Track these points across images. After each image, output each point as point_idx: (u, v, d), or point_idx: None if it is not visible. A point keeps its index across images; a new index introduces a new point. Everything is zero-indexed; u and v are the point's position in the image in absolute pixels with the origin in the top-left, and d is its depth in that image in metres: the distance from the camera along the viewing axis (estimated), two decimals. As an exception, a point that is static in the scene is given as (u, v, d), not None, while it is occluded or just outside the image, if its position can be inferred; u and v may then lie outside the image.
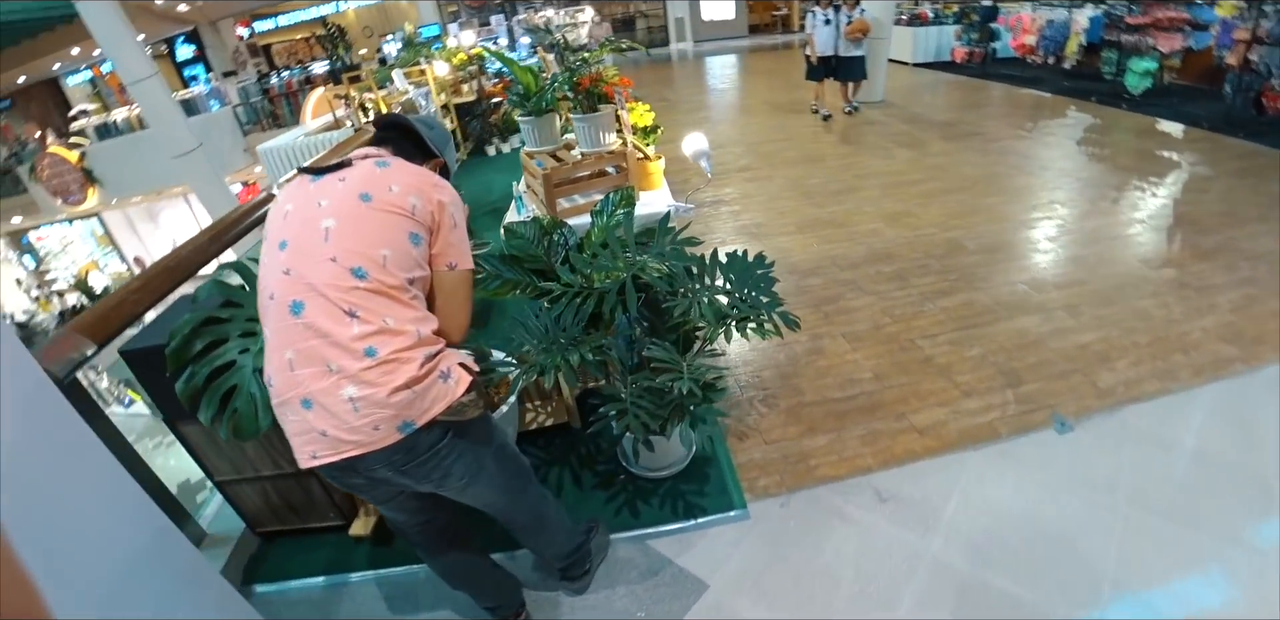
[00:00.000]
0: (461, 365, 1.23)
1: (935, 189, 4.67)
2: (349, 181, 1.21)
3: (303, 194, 1.24)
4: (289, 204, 1.24)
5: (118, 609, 1.24)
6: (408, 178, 1.24)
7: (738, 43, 16.50)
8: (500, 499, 1.46)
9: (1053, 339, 2.77)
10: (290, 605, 1.98)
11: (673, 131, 7.33)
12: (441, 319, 1.26)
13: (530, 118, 2.66)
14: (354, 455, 1.14)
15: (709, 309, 1.77)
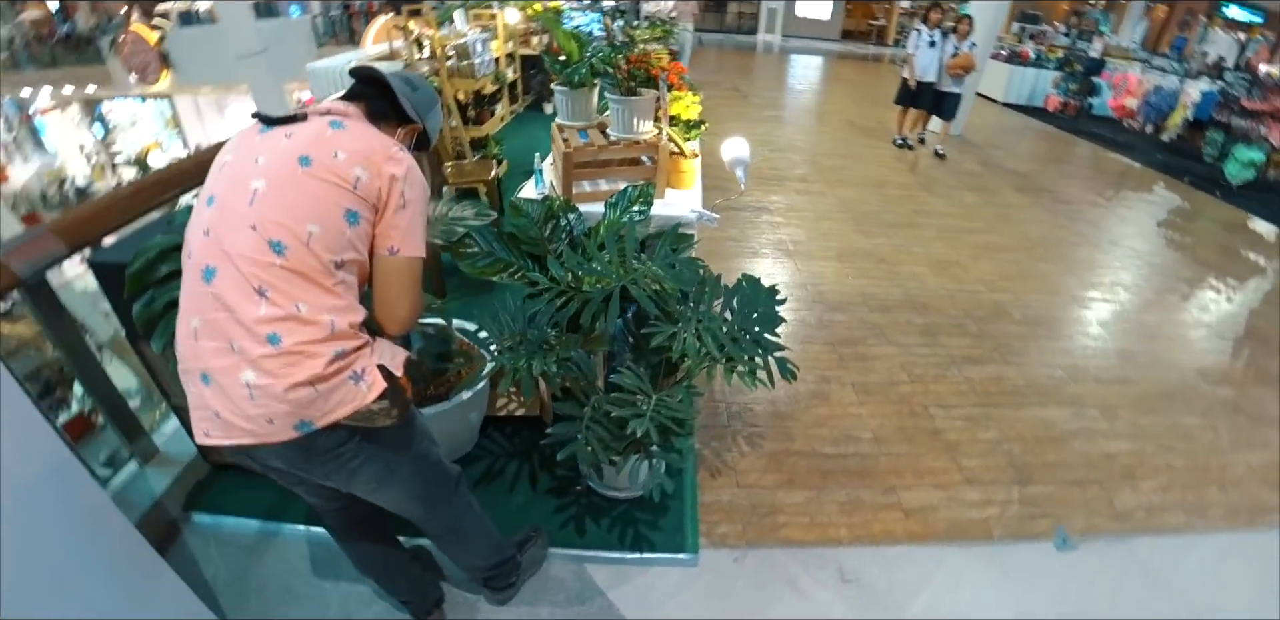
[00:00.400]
0: (381, 367, 1.07)
1: (992, 242, 4.34)
2: (293, 140, 1.05)
3: (245, 146, 1.09)
4: (229, 154, 1.10)
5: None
6: (358, 144, 1.06)
7: (826, 45, 15.85)
8: (414, 508, 1.35)
9: (1079, 439, 2.50)
10: (222, 541, 1.92)
11: (733, 124, 6.96)
12: (377, 308, 1.11)
13: (565, 88, 2.41)
14: (246, 443, 1.04)
15: (691, 344, 1.54)
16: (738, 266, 3.78)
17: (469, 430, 2.20)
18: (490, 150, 4.63)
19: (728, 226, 4.34)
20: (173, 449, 2.11)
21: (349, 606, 1.75)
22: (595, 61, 2.29)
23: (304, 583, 1.82)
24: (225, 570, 1.85)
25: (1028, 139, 8.00)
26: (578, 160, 2.28)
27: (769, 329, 1.67)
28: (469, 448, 2.25)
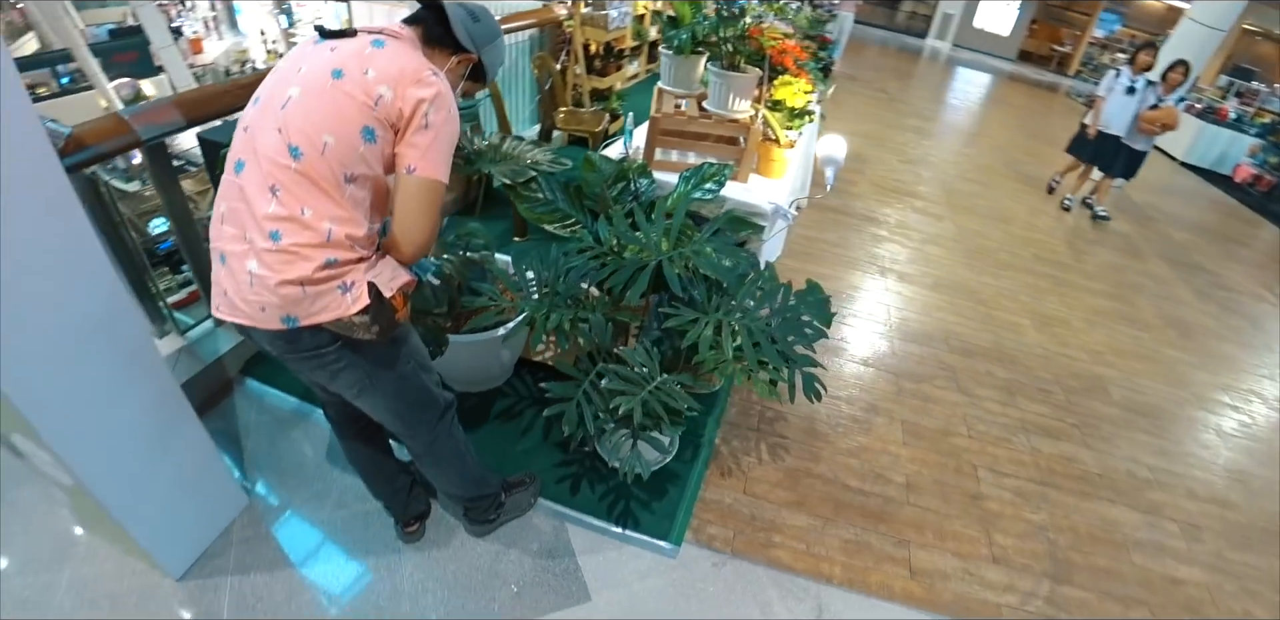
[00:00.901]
0: (371, 285, 1.09)
1: (1116, 311, 3.87)
2: (335, 53, 1.08)
3: (299, 54, 1.13)
4: (285, 60, 1.14)
5: (54, 365, 1.21)
6: (390, 65, 1.06)
7: (998, 63, 14.54)
8: (392, 422, 1.39)
9: (1143, 552, 2.19)
10: (263, 408, 2.10)
11: (866, 126, 6.55)
12: (394, 227, 1.11)
13: (670, 52, 2.28)
14: (242, 323, 1.12)
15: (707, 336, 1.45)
16: (822, 272, 3.55)
17: (499, 367, 2.19)
18: (610, 103, 4.54)
19: (827, 230, 4.09)
20: None
21: (347, 498, 1.84)
22: (697, 29, 2.16)
23: (318, 463, 1.94)
24: (256, 435, 2.00)
25: (1199, 208, 7.07)
26: (664, 127, 2.17)
27: (805, 341, 1.54)
28: (498, 383, 2.26)
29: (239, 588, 1.59)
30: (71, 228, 1.18)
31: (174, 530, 1.56)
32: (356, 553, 1.70)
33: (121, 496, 1.38)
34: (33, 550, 1.63)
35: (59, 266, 1.18)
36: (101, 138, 1.64)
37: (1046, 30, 15.82)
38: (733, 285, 1.60)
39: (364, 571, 1.66)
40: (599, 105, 4.47)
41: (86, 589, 1.56)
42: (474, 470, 1.60)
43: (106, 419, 1.32)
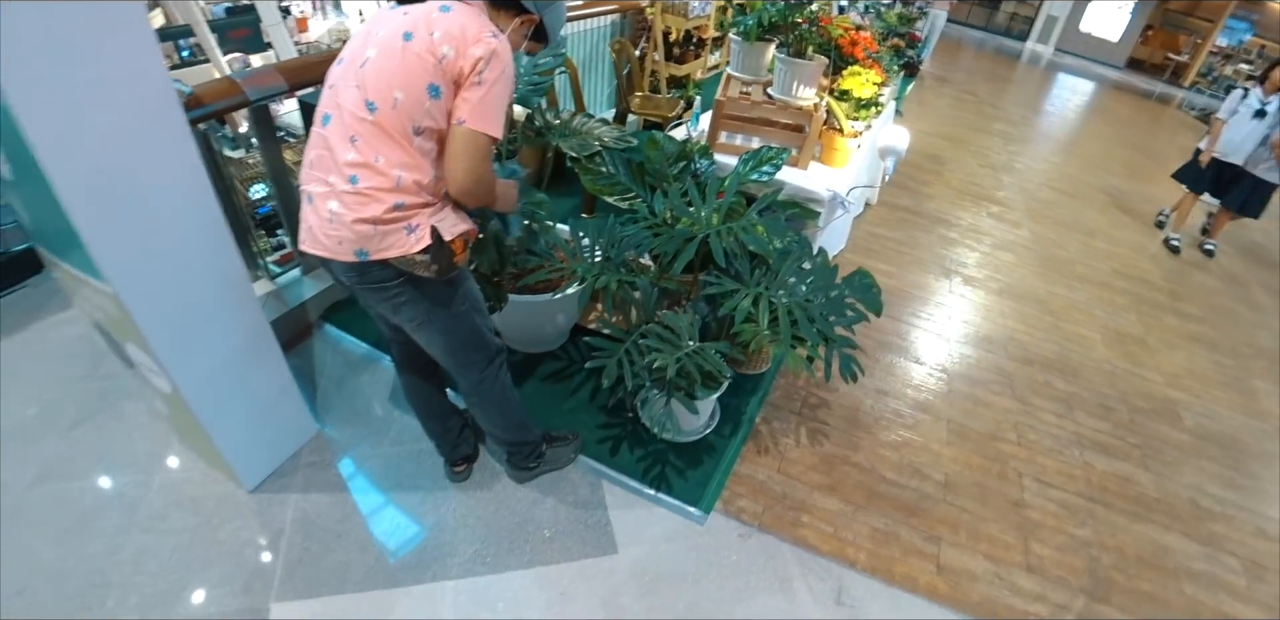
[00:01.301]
0: (434, 228, 1.22)
1: (1200, 335, 3.63)
2: (406, 17, 1.18)
3: (378, 19, 1.24)
4: (366, 25, 1.26)
5: (168, 288, 1.39)
6: (454, 27, 1.15)
7: (1104, 71, 13.63)
8: (445, 359, 1.51)
9: (1196, 584, 2.08)
10: (338, 352, 2.31)
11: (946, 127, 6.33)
12: (445, 173, 1.23)
13: (740, 39, 2.31)
14: (321, 255, 1.25)
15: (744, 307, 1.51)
16: (883, 269, 3.50)
17: (554, 329, 2.30)
18: (687, 91, 4.58)
19: (894, 228, 4.01)
20: None
21: (404, 436, 1.99)
22: (764, 15, 2.18)
23: (381, 404, 2.10)
24: (328, 375, 2.18)
25: (1315, 235, 6.47)
26: (728, 111, 2.21)
27: (845, 322, 1.59)
28: (552, 347, 2.37)
29: (301, 504, 1.76)
30: (190, 171, 1.35)
31: (251, 446, 1.74)
32: (407, 486, 1.84)
33: (210, 407, 1.55)
34: (133, 454, 1.85)
35: (181, 202, 1.35)
36: (217, 97, 1.82)
37: (1162, 37, 14.72)
38: (776, 262, 1.64)
39: (412, 502, 1.80)
40: (675, 92, 4.52)
41: (173, 491, 1.76)
42: (517, 416, 1.70)
43: (205, 338, 1.49)
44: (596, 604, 1.62)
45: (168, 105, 1.28)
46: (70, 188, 1.16)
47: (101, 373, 2.11)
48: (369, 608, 1.55)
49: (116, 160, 1.21)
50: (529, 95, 2.16)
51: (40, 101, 1.07)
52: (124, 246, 1.27)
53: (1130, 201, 5.62)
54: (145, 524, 1.67)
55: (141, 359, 1.47)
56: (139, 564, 1.58)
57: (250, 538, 1.67)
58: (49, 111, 1.09)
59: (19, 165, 1.19)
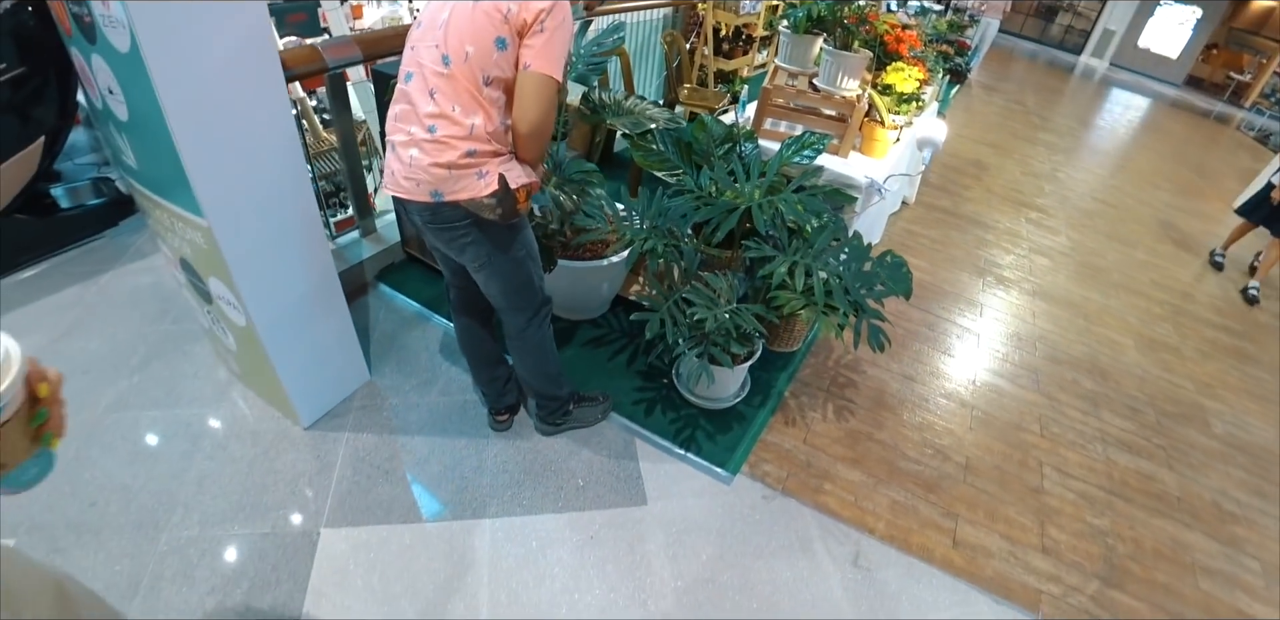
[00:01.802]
0: (502, 176, 1.33)
1: (1239, 349, 3.57)
2: None
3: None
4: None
5: (255, 230, 1.54)
6: None
7: (1162, 88, 13.30)
8: (499, 299, 1.63)
9: (1212, 580, 2.08)
10: (391, 309, 2.45)
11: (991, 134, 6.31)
12: (514, 115, 1.32)
13: (789, 31, 2.40)
14: (400, 196, 1.40)
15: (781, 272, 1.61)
16: (917, 263, 3.52)
17: (598, 298, 2.41)
18: (734, 86, 4.65)
19: (931, 227, 4.03)
20: (386, 233, 2.66)
21: (451, 387, 2.12)
22: (814, 8, 2.26)
23: (429, 358, 2.24)
24: (382, 329, 2.33)
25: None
26: (774, 98, 2.30)
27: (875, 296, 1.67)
28: (594, 315, 2.48)
29: (353, 443, 1.88)
30: (283, 123, 1.50)
31: (311, 384, 1.87)
32: (452, 432, 1.95)
33: (278, 342, 1.69)
34: (200, 391, 2.00)
35: (273, 149, 1.50)
36: (300, 62, 1.96)
37: (1225, 56, 14.29)
38: (813, 236, 1.72)
39: (455, 447, 1.91)
40: (722, 87, 4.60)
41: (235, 424, 1.90)
42: (551, 367, 1.80)
43: (280, 277, 1.63)
44: (624, 548, 1.71)
45: (270, 62, 1.42)
46: (184, 130, 1.29)
47: (171, 318, 2.27)
48: (410, 538, 1.67)
49: (224, 108, 1.35)
50: (587, 74, 2.27)
51: (166, 53, 1.21)
52: (221, 186, 1.41)
53: (1176, 217, 5.52)
54: (209, 451, 1.81)
55: (222, 292, 1.60)
56: (202, 485, 1.72)
57: (304, 469, 1.80)
58: (173, 62, 1.22)
59: (139, 109, 1.33)
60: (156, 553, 1.54)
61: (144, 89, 1.25)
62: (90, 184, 2.75)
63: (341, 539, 1.64)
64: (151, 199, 1.58)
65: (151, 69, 1.21)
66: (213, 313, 1.78)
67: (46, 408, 0.62)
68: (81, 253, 2.55)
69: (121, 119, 1.42)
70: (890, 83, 2.68)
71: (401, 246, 2.61)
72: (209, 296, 1.71)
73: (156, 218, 1.64)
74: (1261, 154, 7.60)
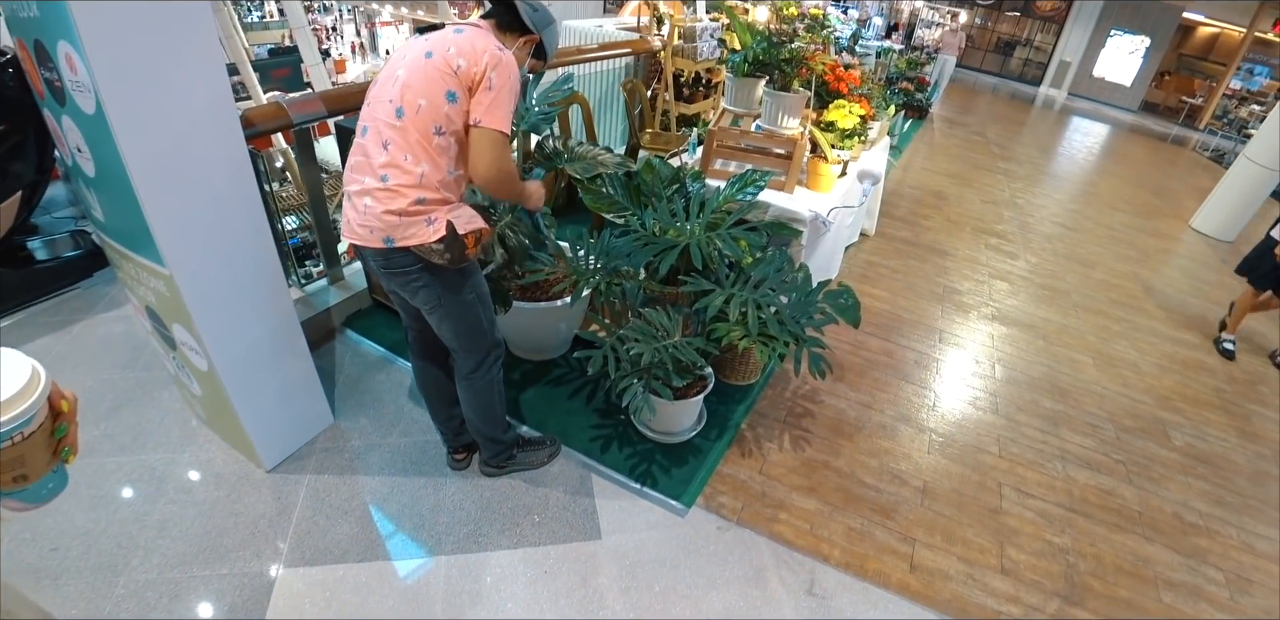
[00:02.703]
0: (450, 222, 1.42)
1: (1197, 362, 3.66)
2: (428, 41, 1.42)
3: (404, 47, 1.48)
4: (396, 52, 1.48)
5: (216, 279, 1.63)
6: (467, 44, 1.38)
7: (1119, 114, 13.85)
8: (451, 342, 1.70)
9: (1175, 593, 2.10)
10: (357, 353, 2.53)
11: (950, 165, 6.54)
12: (471, 169, 1.43)
13: (732, 75, 2.57)
14: (356, 243, 1.50)
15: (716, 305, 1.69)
16: (876, 293, 3.63)
17: (555, 337, 2.48)
18: (697, 129, 4.86)
19: (891, 257, 4.16)
20: (354, 281, 2.75)
21: (412, 428, 2.17)
22: (750, 52, 2.43)
23: (393, 400, 2.29)
24: (349, 373, 2.39)
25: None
26: (720, 140, 2.43)
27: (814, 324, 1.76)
28: (555, 354, 2.54)
29: (313, 484, 1.91)
30: (244, 178, 1.61)
31: (273, 428, 1.92)
32: (411, 472, 1.99)
33: (241, 386, 1.74)
34: (166, 436, 2.04)
35: (234, 203, 1.60)
36: (265, 119, 2.09)
37: (1177, 81, 14.96)
38: (750, 267, 1.81)
39: (415, 486, 1.94)
40: (686, 130, 4.80)
41: (200, 467, 1.93)
42: (496, 412, 1.85)
43: (241, 323, 1.70)
44: (577, 581, 1.73)
45: (230, 121, 1.53)
46: (146, 186, 1.39)
47: (141, 365, 2.33)
48: (368, 577, 1.69)
49: (185, 165, 1.45)
50: (539, 123, 2.41)
51: (129, 115, 1.32)
52: (183, 237, 1.50)
53: (1135, 237, 5.70)
54: (172, 496, 1.84)
55: (185, 338, 1.67)
56: (163, 529, 1.74)
57: (264, 511, 1.82)
58: (136, 123, 1.34)
59: (104, 166, 1.43)
60: (114, 596, 1.56)
61: (109, 148, 1.35)
62: (68, 236, 2.84)
63: (299, 578, 1.66)
64: (118, 250, 1.66)
65: (115, 130, 1.31)
66: (178, 359, 1.84)
67: (67, 423, 0.70)
68: (56, 303, 2.62)
69: (90, 175, 1.52)
70: (832, 119, 2.84)
71: (369, 293, 2.70)
72: (173, 343, 1.77)
73: (124, 268, 1.72)
74: (1217, 172, 7.88)
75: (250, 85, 5.89)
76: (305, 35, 6.42)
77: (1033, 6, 14.68)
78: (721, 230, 1.88)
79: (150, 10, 1.29)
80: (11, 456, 0.64)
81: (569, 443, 2.15)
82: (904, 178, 6.04)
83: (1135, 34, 13.85)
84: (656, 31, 4.79)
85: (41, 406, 0.66)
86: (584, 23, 5.25)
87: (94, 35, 1.22)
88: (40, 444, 0.67)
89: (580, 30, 5.05)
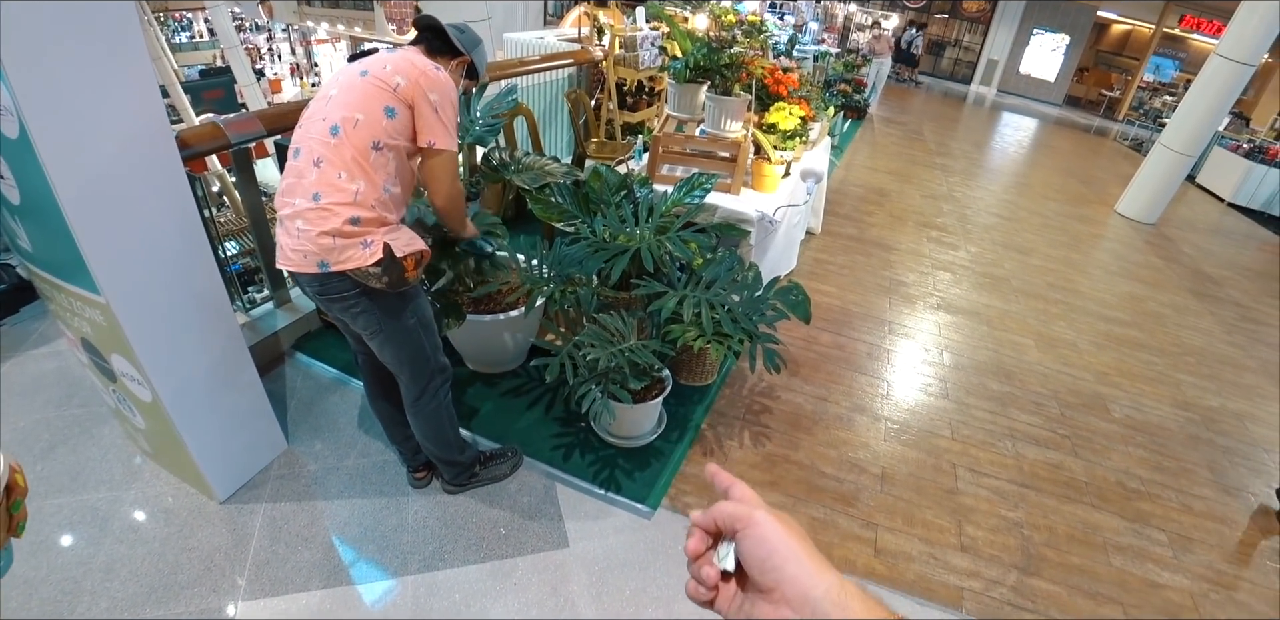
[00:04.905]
0: (387, 245, 1.39)
1: (1130, 338, 3.88)
2: (361, 63, 1.44)
3: (337, 72, 1.50)
4: (329, 78, 1.51)
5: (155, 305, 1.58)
6: (403, 63, 1.40)
7: (1045, 108, 14.59)
8: (395, 367, 1.67)
9: (1123, 556, 2.21)
10: (308, 377, 2.46)
11: (890, 163, 6.76)
12: (429, 193, 1.46)
13: (674, 81, 2.64)
14: (290, 269, 1.45)
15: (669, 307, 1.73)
16: (825, 289, 3.74)
17: (510, 348, 2.46)
18: (645, 136, 4.93)
19: (838, 254, 4.29)
20: (301, 303, 2.67)
21: (370, 449, 2.13)
22: (690, 58, 2.48)
23: (348, 422, 2.24)
24: (301, 397, 2.33)
25: (1241, 247, 6.89)
26: (665, 145, 2.48)
27: (766, 321, 1.80)
28: (511, 366, 2.53)
29: (270, 513, 1.86)
30: (180, 201, 1.56)
31: (225, 457, 1.86)
32: (371, 493, 1.95)
33: (187, 416, 1.69)
34: (108, 473, 1.96)
35: (170, 226, 1.55)
36: (201, 140, 2.04)
37: (1096, 76, 15.85)
38: (702, 268, 1.85)
39: (376, 507, 1.91)
40: (631, 138, 4.86)
41: (148, 503, 1.86)
42: (449, 435, 1.82)
43: (185, 350, 1.65)
44: (548, 591, 1.73)
45: (165, 143, 1.49)
46: (77, 211, 1.34)
47: (76, 401, 2.23)
48: (333, 604, 1.65)
49: (118, 188, 1.41)
50: (484, 135, 2.42)
51: (57, 138, 1.28)
52: (118, 263, 1.45)
53: (1066, 223, 6.01)
54: (118, 535, 1.76)
55: (125, 368, 1.61)
56: (111, 571, 1.67)
57: (220, 543, 1.76)
58: (63, 146, 1.29)
59: (31, 192, 1.37)
60: (57, 648, 1.48)
61: (35, 173, 1.30)
62: (-13, 275, 2.71)
63: (260, 610, 1.61)
64: (49, 280, 1.60)
65: (41, 154, 1.27)
66: (118, 391, 1.77)
67: (21, 498, 0.65)
68: (-19, 344, 2.49)
69: (14, 203, 1.46)
70: (774, 121, 2.92)
71: (318, 315, 2.64)
72: (113, 375, 1.70)
73: (55, 299, 1.65)
74: (1137, 159, 8.37)
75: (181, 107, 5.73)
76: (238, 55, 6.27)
77: (960, 8, 15.35)
78: (671, 233, 1.91)
79: (74, 25, 1.25)
80: None
81: (531, 453, 2.14)
82: (846, 176, 6.23)
83: (1056, 32, 14.62)
84: (598, 42, 4.85)
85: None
86: (525, 35, 5.28)
87: (14, 54, 1.18)
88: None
89: (522, 42, 5.07)
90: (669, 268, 1.95)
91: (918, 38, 13.58)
